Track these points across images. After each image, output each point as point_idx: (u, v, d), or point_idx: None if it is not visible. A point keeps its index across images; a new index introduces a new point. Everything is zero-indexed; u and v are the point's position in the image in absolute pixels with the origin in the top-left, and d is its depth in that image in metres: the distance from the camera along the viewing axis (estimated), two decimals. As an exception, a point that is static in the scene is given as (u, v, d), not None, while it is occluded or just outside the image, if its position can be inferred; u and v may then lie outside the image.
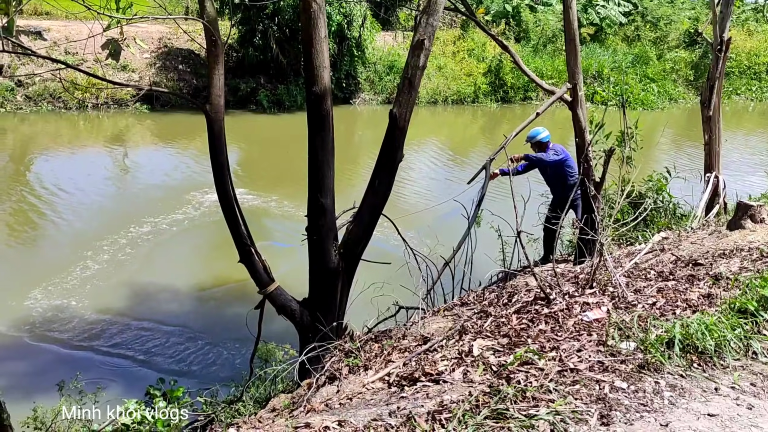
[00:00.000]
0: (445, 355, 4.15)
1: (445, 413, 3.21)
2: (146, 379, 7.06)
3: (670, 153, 17.80)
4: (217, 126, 5.63)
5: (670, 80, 28.71)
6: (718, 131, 10.31)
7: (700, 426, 3.13)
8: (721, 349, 3.79)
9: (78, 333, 8.18)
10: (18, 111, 19.53)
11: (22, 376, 7.29)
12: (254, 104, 21.98)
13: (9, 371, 7.30)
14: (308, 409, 4.11)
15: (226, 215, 5.87)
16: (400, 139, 5.86)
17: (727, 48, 10.09)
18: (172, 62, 22.42)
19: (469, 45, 27.23)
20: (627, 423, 3.11)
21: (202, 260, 10.62)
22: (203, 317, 8.76)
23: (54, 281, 9.42)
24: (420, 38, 5.63)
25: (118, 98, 20.85)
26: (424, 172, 16.51)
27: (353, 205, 6.65)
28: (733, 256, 5.94)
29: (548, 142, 8.71)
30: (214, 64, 5.62)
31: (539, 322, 4.43)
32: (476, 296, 5.86)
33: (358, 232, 6.11)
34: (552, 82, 22.84)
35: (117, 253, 10.48)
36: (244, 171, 15.94)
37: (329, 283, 6.05)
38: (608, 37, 30.21)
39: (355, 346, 4.93)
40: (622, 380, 3.48)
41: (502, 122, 23.95)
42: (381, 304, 6.27)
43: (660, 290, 4.92)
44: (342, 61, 23.06)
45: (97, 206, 12.73)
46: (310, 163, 5.86)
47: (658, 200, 9.70)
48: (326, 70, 5.67)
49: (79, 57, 20.28)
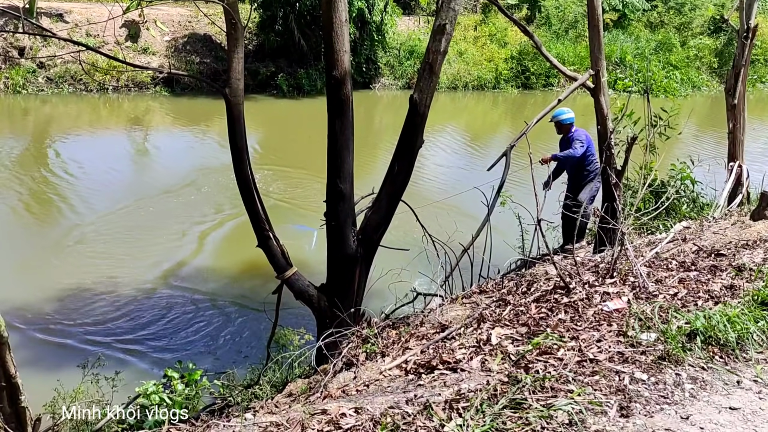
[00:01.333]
0: (463, 343, 4.13)
1: (462, 402, 3.19)
2: (164, 362, 7.11)
3: (691, 142, 17.59)
4: (236, 110, 5.62)
5: (693, 67, 28.33)
6: (743, 120, 10.15)
7: (721, 419, 3.09)
8: (743, 341, 3.74)
9: (97, 314, 8.24)
10: (39, 93, 19.67)
11: (41, 358, 7.36)
12: (274, 89, 21.95)
13: (29, 353, 7.36)
14: (325, 395, 4.11)
15: (244, 199, 5.87)
16: (420, 125, 5.83)
17: (753, 35, 9.90)
18: (192, 46, 22.43)
19: (490, 30, 26.99)
20: (647, 415, 3.08)
21: (221, 247, 10.65)
22: (223, 302, 8.78)
23: (72, 262, 9.50)
24: (441, 23, 5.57)
25: (139, 81, 20.90)
26: (443, 158, 16.43)
27: (372, 190, 6.62)
28: (757, 247, 5.85)
29: (571, 124, 8.65)
30: (233, 47, 5.59)
31: (558, 311, 4.39)
32: (495, 284, 5.82)
33: (377, 218, 6.09)
34: (574, 68, 22.58)
35: (134, 236, 10.54)
36: (262, 154, 15.94)
37: (347, 269, 6.04)
38: (631, 24, 29.83)
39: (372, 333, 4.92)
40: (642, 372, 3.44)
41: (524, 109, 23.76)
42: (399, 291, 6.25)
43: (681, 281, 4.86)
44: (362, 45, 22.95)
45: (117, 188, 12.78)
46: (329, 148, 5.84)
47: (680, 189, 9.59)
48: (346, 54, 5.63)
49: (100, 39, 20.35)
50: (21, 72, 19.62)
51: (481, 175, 7.29)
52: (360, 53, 22.83)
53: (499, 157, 7.28)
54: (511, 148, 7.21)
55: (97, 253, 9.86)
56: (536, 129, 7.39)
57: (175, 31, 22.62)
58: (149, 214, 11.51)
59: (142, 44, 21.48)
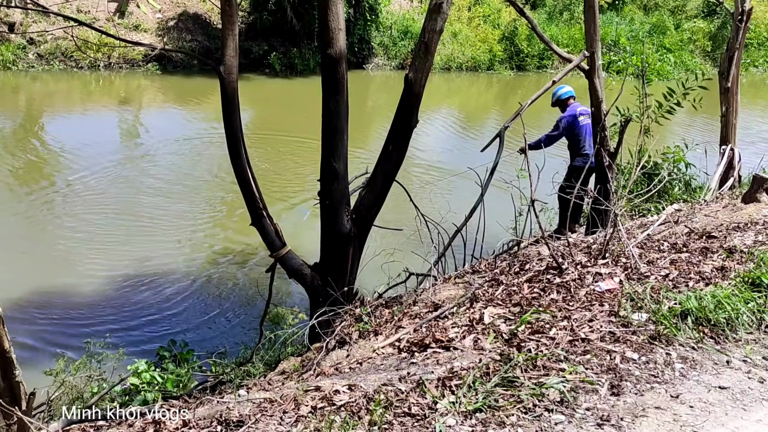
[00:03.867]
0: (456, 322, 4.16)
1: (455, 380, 3.22)
2: (157, 341, 7.12)
3: (684, 125, 17.59)
4: (230, 87, 5.58)
5: (687, 51, 28.30)
6: (736, 103, 10.18)
7: (710, 398, 3.13)
8: (733, 322, 3.79)
9: (87, 295, 8.22)
10: (30, 69, 19.47)
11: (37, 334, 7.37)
12: (267, 68, 21.82)
13: (27, 329, 7.36)
14: (318, 372, 4.13)
15: (238, 178, 5.85)
16: (414, 105, 5.81)
17: (747, 18, 9.91)
18: (183, 23, 22.23)
19: (485, 11, 26.85)
20: (637, 393, 3.11)
21: (214, 224, 10.62)
22: (216, 280, 8.79)
23: (63, 243, 9.46)
24: (438, 1, 5.54)
25: (130, 58, 20.72)
26: (436, 138, 16.40)
27: (366, 170, 6.62)
28: (748, 230, 5.90)
29: (567, 99, 8.71)
30: (228, 24, 5.54)
31: (551, 291, 4.42)
32: (488, 264, 5.85)
33: (371, 197, 6.09)
34: (568, 50, 22.49)
35: (124, 215, 10.51)
36: (255, 133, 15.87)
37: (341, 248, 6.05)
38: (626, 6, 29.73)
39: (365, 312, 4.94)
40: (633, 351, 3.48)
41: (517, 90, 23.71)
42: (392, 271, 6.27)
43: (673, 262, 4.90)
44: (356, 25, 22.80)
45: (107, 167, 12.70)
46: (323, 128, 5.82)
47: (673, 172, 9.62)
48: (342, 32, 5.60)
49: (91, 16, 20.15)
50: (11, 48, 19.37)
51: (475, 156, 7.28)
52: (354, 33, 22.68)
53: (493, 138, 7.27)
54: (505, 129, 7.19)
55: (83, 233, 9.80)
56: (530, 110, 7.37)
57: (167, 8, 22.42)
58: (140, 195, 11.45)
59: (133, 21, 21.26)
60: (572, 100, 8.76)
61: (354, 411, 3.05)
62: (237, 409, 3.16)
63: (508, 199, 7.72)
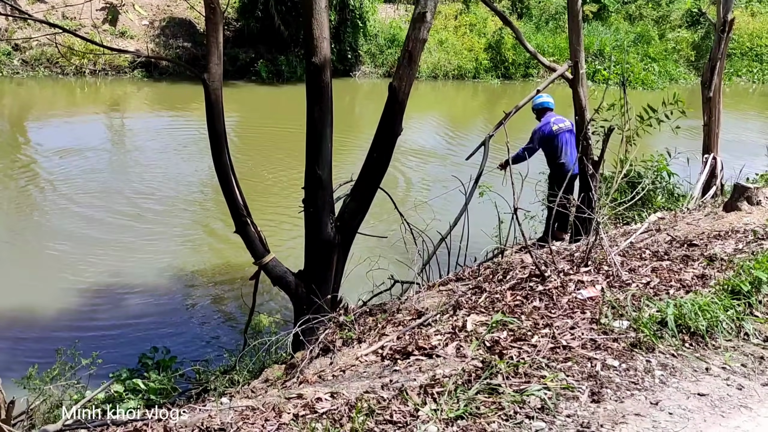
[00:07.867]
0: (439, 329, 4.17)
1: (437, 387, 3.23)
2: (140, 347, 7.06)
3: (668, 133, 17.70)
4: (214, 95, 5.58)
5: (671, 60, 28.54)
6: (718, 112, 10.27)
7: (690, 405, 3.15)
8: (713, 329, 3.82)
9: (70, 304, 8.15)
10: (15, 75, 19.39)
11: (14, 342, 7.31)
12: (254, 75, 21.82)
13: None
14: (301, 380, 4.13)
15: (222, 184, 5.84)
16: (399, 113, 5.83)
17: (729, 29, 10.01)
18: (171, 30, 22.21)
19: (471, 19, 26.99)
20: (618, 400, 3.14)
21: (199, 233, 10.59)
22: (200, 288, 8.75)
23: (47, 252, 9.39)
24: (422, 11, 5.57)
25: (116, 65, 20.67)
26: (422, 146, 16.42)
27: (350, 178, 6.63)
28: (729, 238, 5.95)
29: (544, 109, 8.63)
30: (212, 32, 5.54)
31: (533, 298, 4.45)
32: (471, 272, 5.86)
33: (355, 205, 6.09)
34: (553, 59, 22.64)
35: (110, 222, 10.45)
36: (240, 141, 15.85)
37: (325, 256, 6.04)
38: (611, 16, 29.95)
39: (349, 319, 4.94)
40: (614, 358, 3.51)
41: (503, 98, 23.81)
42: (376, 278, 6.28)
43: (654, 270, 4.94)
44: (343, 33, 22.86)
45: (92, 174, 12.67)
46: (308, 135, 5.82)
47: (656, 181, 9.69)
48: (326, 40, 5.61)
49: (77, 22, 20.08)
50: (-5, 54, 19.34)
51: (459, 165, 7.31)
52: (343, 41, 22.75)
53: (478, 146, 7.32)
54: (489, 138, 7.24)
55: (65, 241, 9.71)
56: (515, 119, 7.42)
57: (154, 15, 22.37)
58: (125, 201, 11.41)
59: (120, 28, 21.19)
60: (549, 112, 8.66)
61: (336, 418, 3.05)
62: (219, 417, 3.16)
63: (493, 206, 7.76)
